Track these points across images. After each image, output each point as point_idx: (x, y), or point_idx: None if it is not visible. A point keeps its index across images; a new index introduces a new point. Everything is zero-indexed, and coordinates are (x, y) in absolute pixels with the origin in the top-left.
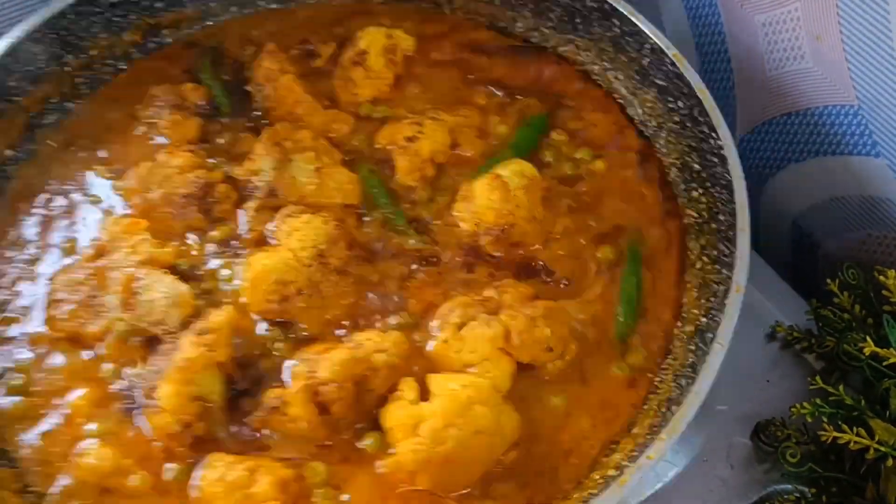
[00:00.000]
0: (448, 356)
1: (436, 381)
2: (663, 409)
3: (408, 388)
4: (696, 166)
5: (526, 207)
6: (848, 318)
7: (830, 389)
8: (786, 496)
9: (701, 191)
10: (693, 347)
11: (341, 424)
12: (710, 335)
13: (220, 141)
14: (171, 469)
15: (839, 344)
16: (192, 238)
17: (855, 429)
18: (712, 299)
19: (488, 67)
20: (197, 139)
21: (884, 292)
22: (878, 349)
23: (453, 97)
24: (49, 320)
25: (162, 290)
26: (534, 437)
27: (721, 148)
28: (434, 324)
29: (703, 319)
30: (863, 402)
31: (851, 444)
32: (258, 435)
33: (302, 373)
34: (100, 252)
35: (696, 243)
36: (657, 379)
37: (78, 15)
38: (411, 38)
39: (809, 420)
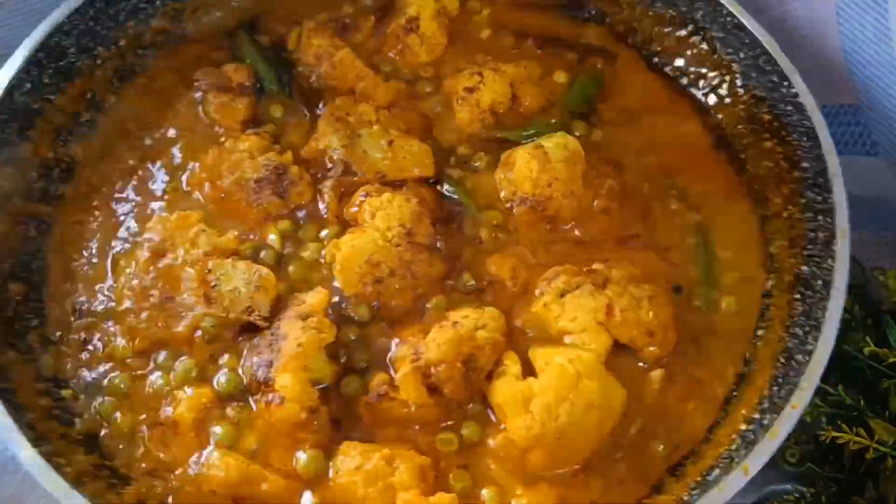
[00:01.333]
0: (546, 320)
1: (540, 355)
2: (782, 360)
3: (511, 361)
4: (767, 116)
5: (564, 181)
6: (847, 317)
7: (830, 389)
8: (785, 496)
9: (775, 140)
10: (798, 296)
11: (453, 405)
12: (820, 282)
13: (275, 119)
14: (301, 462)
15: (839, 344)
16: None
17: (854, 429)
18: (810, 247)
19: (537, 23)
20: (249, 119)
21: (883, 292)
22: (877, 349)
23: (509, 52)
24: (129, 332)
25: (241, 276)
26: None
27: (796, 95)
28: (537, 289)
29: (805, 268)
30: (862, 402)
31: (851, 443)
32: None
33: (406, 355)
34: (157, 253)
35: (776, 193)
36: (759, 331)
37: (106, 3)
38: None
39: (809, 420)
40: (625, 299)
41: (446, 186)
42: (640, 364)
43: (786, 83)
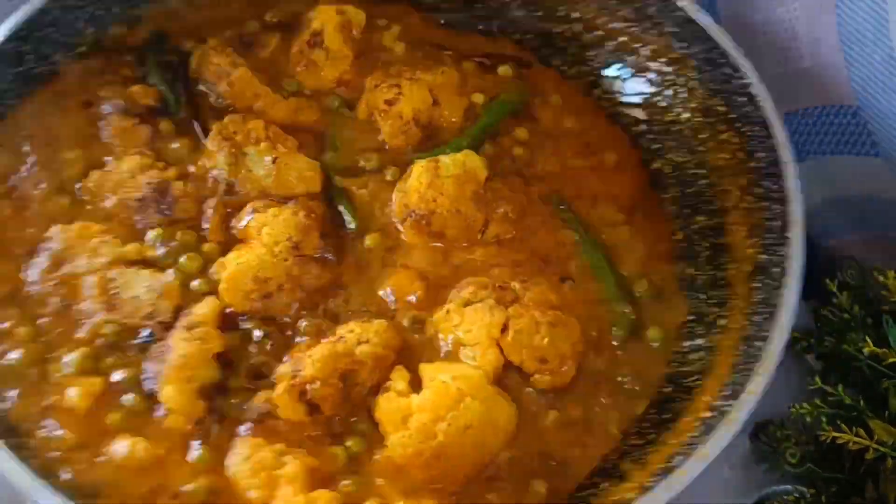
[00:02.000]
0: (446, 329)
1: (427, 371)
2: (742, 347)
3: (398, 377)
4: (722, 108)
5: (451, 198)
6: (847, 317)
7: (830, 389)
8: (785, 496)
9: (731, 132)
10: (758, 284)
11: (334, 421)
12: (777, 269)
13: (174, 143)
14: (197, 453)
15: (838, 344)
16: (151, 235)
17: (854, 429)
18: (768, 236)
19: (456, 40)
20: (148, 142)
21: (883, 292)
22: (877, 349)
23: (426, 62)
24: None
25: (143, 284)
26: None
27: (748, 86)
28: (448, 298)
29: (764, 256)
30: (862, 402)
31: (851, 444)
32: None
33: (287, 373)
34: (56, 261)
35: (733, 184)
36: (721, 320)
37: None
38: (362, 13)
39: (809, 420)
40: (524, 320)
41: (336, 202)
42: (530, 390)
43: (738, 74)
